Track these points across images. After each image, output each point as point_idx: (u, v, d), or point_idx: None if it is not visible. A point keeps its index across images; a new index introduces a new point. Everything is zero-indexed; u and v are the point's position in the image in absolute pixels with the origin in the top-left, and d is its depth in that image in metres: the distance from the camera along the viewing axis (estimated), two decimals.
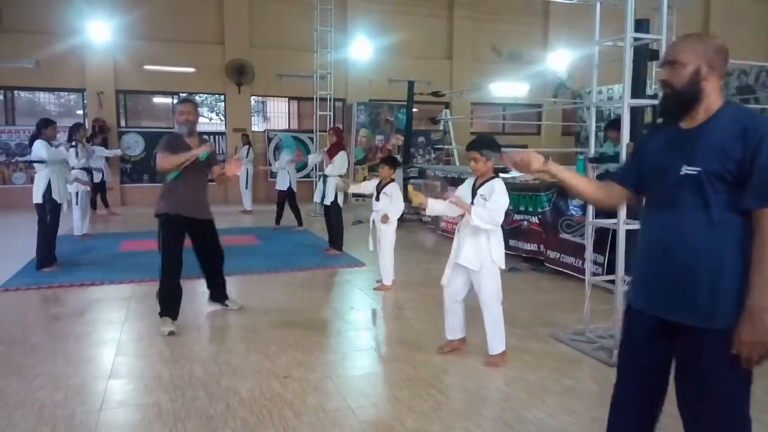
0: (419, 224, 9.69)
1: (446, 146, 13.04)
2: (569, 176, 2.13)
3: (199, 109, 4.73)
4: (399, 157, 11.84)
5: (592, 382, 3.55)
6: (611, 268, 4.64)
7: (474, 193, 3.68)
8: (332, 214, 7.11)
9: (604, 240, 5.13)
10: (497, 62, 15.37)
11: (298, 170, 11.74)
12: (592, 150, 4.24)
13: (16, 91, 12.38)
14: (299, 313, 4.94)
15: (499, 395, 3.39)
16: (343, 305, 5.25)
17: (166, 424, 2.97)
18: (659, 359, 1.95)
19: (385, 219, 5.48)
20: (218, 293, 4.92)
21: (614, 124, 5.51)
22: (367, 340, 4.30)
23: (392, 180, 5.62)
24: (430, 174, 10.36)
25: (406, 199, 4.53)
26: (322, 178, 7.18)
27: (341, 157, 6.95)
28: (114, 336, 4.33)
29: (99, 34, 11.78)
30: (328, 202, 7.02)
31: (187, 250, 4.57)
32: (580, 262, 5.68)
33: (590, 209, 4.20)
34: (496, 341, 3.72)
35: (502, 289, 3.75)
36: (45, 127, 6.11)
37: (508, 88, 15.11)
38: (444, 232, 8.63)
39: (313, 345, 4.14)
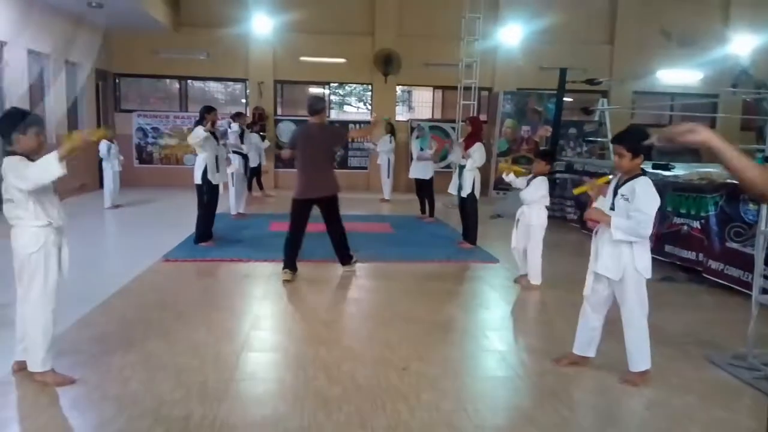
0: (564, 222, 9.13)
1: (600, 139, 12.16)
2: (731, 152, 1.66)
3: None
4: (545, 149, 11.30)
5: (750, 416, 3.05)
6: None
7: (615, 193, 3.30)
8: (468, 207, 6.93)
9: None
10: (666, 47, 13.93)
11: (439, 161, 11.74)
12: None
13: (189, 81, 13.78)
14: (425, 305, 4.86)
15: (634, 418, 3.04)
16: (472, 302, 5.09)
17: (286, 401, 3.08)
18: None
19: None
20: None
21: None
22: (493, 341, 4.10)
23: (544, 173, 5.36)
24: (578, 168, 9.72)
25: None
26: (458, 170, 7.02)
27: (479, 150, 6.72)
28: (252, 311, 4.61)
29: (262, 27, 12.66)
30: (464, 194, 6.84)
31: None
32: (749, 277, 4.92)
33: (763, 216, 3.59)
34: (639, 358, 3.33)
35: (648, 301, 3.34)
36: (207, 113, 6.68)
37: (678, 76, 13.67)
38: (591, 231, 8.02)
39: (436, 340, 4.05)
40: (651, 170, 7.54)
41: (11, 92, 8.95)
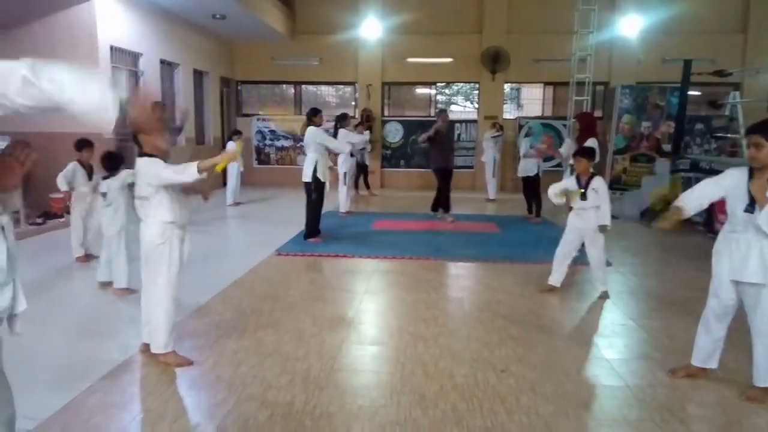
0: (685, 223, 8.45)
1: (731, 135, 11.12)
2: None
3: None
4: (667, 147, 10.53)
5: None
6: None
7: (750, 192, 2.97)
8: None
9: None
10: None
11: (547, 159, 11.33)
12: None
13: (303, 86, 14.39)
14: (528, 306, 4.74)
15: None
16: (579, 305, 4.87)
17: (383, 394, 3.13)
18: None
19: (603, 230, 4.87)
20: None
21: None
22: (601, 348, 3.90)
23: (595, 173, 4.97)
24: (704, 166, 8.96)
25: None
26: (569, 168, 6.74)
27: (590, 145, 6.39)
28: (355, 304, 4.73)
29: (371, 31, 12.94)
30: None
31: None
32: None
33: None
34: None
35: None
36: (314, 116, 6.94)
37: None
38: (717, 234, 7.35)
39: (537, 343, 3.93)
40: None
41: None
